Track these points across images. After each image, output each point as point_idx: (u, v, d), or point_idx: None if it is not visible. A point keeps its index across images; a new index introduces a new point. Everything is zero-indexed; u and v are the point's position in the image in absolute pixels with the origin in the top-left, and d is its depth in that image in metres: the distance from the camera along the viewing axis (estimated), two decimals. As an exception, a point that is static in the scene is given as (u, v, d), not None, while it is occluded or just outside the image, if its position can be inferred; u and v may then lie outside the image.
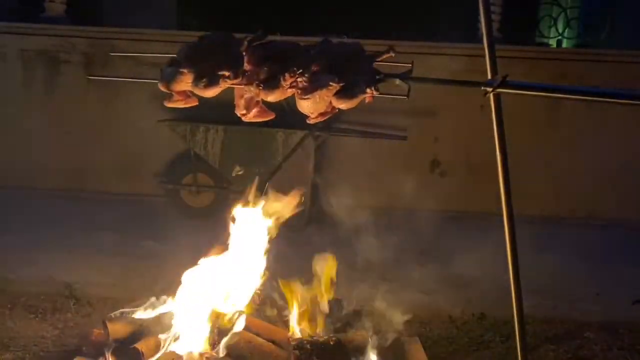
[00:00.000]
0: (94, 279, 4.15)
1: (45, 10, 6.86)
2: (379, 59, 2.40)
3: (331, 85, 2.31)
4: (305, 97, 2.35)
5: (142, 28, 6.40)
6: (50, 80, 6.70)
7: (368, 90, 2.31)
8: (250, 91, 2.45)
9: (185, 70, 2.41)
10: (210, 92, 2.43)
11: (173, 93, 2.53)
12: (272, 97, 2.39)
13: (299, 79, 2.32)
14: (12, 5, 7.33)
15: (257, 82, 2.37)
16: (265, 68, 2.36)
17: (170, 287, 3.06)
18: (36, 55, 6.68)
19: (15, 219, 5.48)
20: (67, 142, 6.64)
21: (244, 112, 2.52)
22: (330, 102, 2.38)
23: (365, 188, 6.37)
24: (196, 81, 2.41)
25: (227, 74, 2.38)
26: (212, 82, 2.40)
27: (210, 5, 7.52)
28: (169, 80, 2.47)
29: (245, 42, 2.40)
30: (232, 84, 2.40)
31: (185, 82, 2.45)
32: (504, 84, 2.26)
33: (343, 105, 2.37)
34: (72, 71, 6.66)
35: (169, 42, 2.67)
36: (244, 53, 2.39)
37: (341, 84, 2.31)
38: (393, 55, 2.35)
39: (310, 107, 2.39)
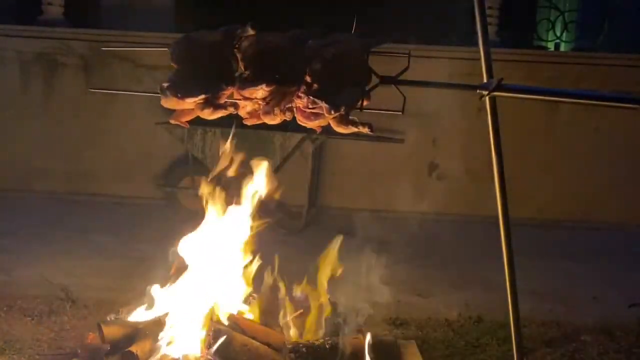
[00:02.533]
0: (91, 281, 4.14)
1: (43, 13, 6.86)
2: (375, 49, 2.43)
3: (328, 115, 2.39)
4: (306, 123, 2.46)
5: (140, 31, 6.40)
6: (47, 83, 6.70)
7: (361, 127, 2.43)
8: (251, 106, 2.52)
9: (187, 100, 2.47)
10: (214, 117, 2.52)
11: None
12: (273, 122, 2.49)
13: (298, 102, 2.39)
14: (10, 7, 7.32)
15: (255, 100, 2.46)
16: (262, 87, 2.40)
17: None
18: (34, 57, 6.68)
19: (12, 221, 5.47)
20: (64, 144, 6.63)
21: (247, 117, 2.58)
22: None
23: (363, 191, 6.39)
24: (201, 108, 2.50)
25: (227, 92, 2.45)
26: (217, 110, 2.50)
27: (208, 8, 7.52)
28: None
29: (237, 37, 2.43)
30: (235, 112, 2.52)
31: (188, 103, 2.50)
32: (499, 87, 2.27)
33: (340, 129, 2.47)
34: (70, 74, 6.65)
35: (166, 45, 2.66)
36: (236, 48, 2.43)
37: (338, 113, 2.38)
38: (389, 43, 2.36)
39: (309, 124, 2.49)
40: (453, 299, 4.12)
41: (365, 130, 2.42)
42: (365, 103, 2.49)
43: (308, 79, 2.37)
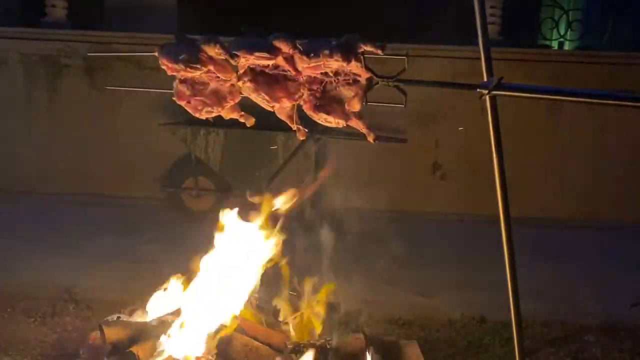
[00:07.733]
0: (94, 282, 4.15)
1: (47, 15, 6.89)
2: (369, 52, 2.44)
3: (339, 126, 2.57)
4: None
5: (143, 32, 6.41)
6: (51, 85, 6.73)
7: (367, 134, 2.59)
8: None
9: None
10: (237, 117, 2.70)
11: None
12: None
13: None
14: (13, 9, 7.35)
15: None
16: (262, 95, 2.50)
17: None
18: (38, 59, 6.70)
19: (16, 222, 5.49)
20: (68, 146, 6.65)
21: None
22: None
23: (366, 191, 6.37)
24: (227, 114, 2.66)
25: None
26: (247, 117, 2.71)
27: (210, 10, 7.53)
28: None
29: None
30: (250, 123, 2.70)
31: None
32: (499, 86, 2.26)
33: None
34: (74, 76, 6.68)
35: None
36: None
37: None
38: (381, 53, 2.35)
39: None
40: (456, 299, 4.11)
41: (371, 139, 2.57)
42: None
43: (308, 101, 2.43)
